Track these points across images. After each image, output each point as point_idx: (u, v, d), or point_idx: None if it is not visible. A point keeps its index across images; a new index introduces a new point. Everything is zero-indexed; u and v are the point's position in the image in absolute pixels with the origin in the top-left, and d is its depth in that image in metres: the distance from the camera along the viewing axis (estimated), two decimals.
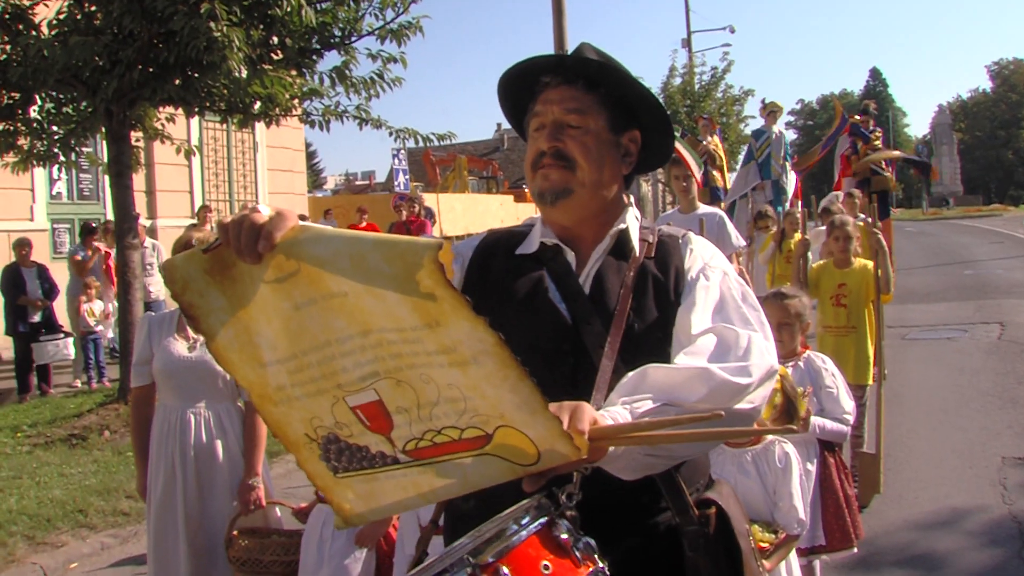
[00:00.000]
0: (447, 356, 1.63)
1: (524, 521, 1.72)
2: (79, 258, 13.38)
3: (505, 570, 1.63)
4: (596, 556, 1.75)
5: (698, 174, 8.87)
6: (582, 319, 2.18)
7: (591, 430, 1.71)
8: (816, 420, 4.69)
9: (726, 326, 2.05)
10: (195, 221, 15.66)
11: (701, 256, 2.27)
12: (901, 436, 8.24)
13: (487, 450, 1.71)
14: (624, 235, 2.31)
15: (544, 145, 2.27)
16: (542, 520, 1.74)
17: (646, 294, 2.21)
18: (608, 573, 1.75)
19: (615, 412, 1.82)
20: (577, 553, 1.73)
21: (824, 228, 8.28)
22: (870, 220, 7.83)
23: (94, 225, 14.24)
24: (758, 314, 2.14)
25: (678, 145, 9.11)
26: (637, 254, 2.28)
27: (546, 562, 1.69)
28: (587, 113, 2.27)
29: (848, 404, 4.86)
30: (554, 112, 2.28)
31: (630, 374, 1.93)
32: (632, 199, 2.43)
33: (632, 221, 2.34)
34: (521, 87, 2.38)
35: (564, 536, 1.74)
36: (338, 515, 1.92)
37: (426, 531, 2.35)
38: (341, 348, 1.69)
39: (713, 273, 2.22)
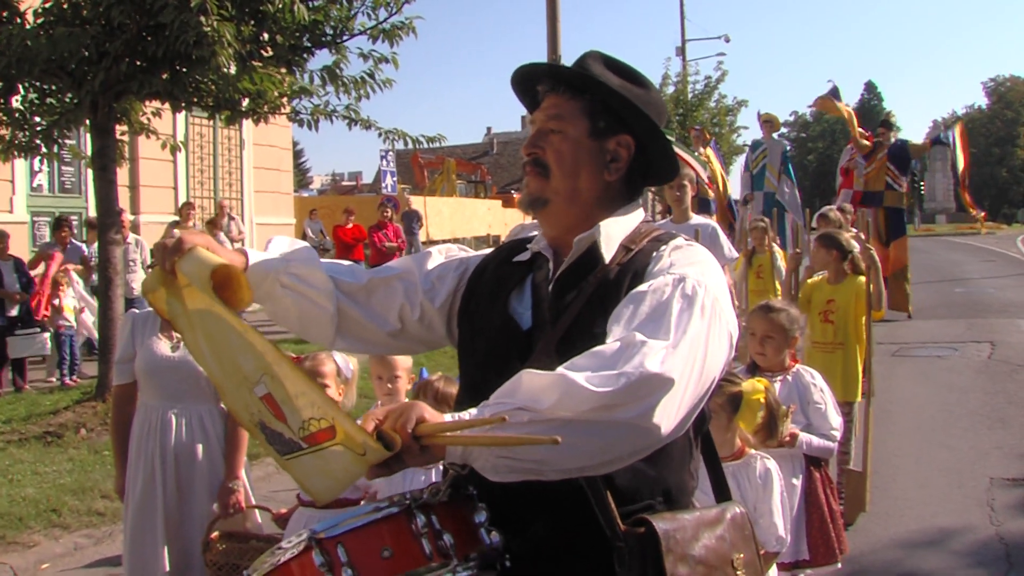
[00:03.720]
0: (256, 348, 2.00)
1: (378, 510, 1.89)
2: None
3: (340, 549, 1.78)
4: (452, 553, 1.86)
5: (704, 174, 8.85)
6: (539, 324, 2.24)
7: (419, 428, 1.81)
8: (803, 436, 4.68)
9: (636, 334, 1.92)
10: (178, 218, 15.52)
11: (672, 261, 2.17)
12: (888, 454, 8.18)
13: (338, 440, 1.86)
14: (595, 243, 2.28)
15: (523, 152, 2.35)
16: (391, 510, 1.88)
17: (598, 301, 2.18)
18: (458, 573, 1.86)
19: (467, 412, 1.86)
20: (427, 546, 1.84)
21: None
22: (863, 236, 7.80)
23: (73, 219, 14.14)
24: (693, 323, 1.98)
25: (678, 150, 9.02)
26: (607, 261, 2.25)
27: (389, 549, 1.81)
28: (566, 119, 2.31)
29: (836, 420, 4.85)
30: (539, 120, 2.35)
31: (511, 379, 1.88)
32: (637, 207, 2.41)
33: (605, 228, 2.29)
34: (531, 98, 2.44)
35: (419, 529, 1.86)
36: (308, 494, 2.07)
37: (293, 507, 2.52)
38: (233, 346, 2.02)
39: (664, 278, 2.09)
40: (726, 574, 2.10)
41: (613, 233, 2.30)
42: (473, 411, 1.84)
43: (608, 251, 2.27)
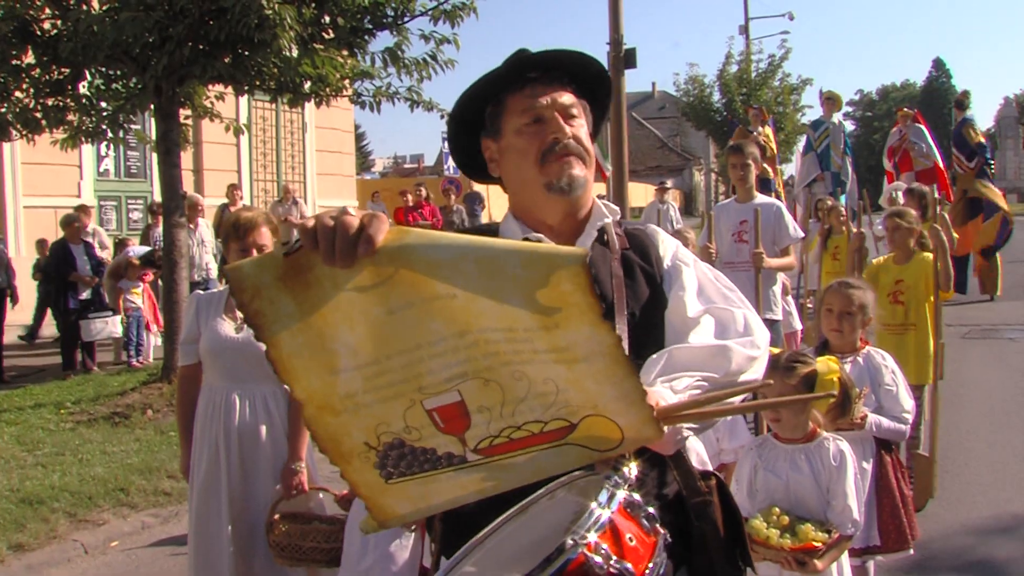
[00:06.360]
0: (556, 355, 1.64)
1: (605, 498, 1.76)
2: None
3: (605, 546, 1.66)
4: (657, 526, 1.80)
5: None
6: None
7: (658, 410, 1.76)
8: (872, 418, 4.58)
9: (717, 307, 2.21)
10: (227, 200, 15.46)
11: (670, 245, 2.40)
12: (959, 438, 8.00)
13: (569, 439, 1.74)
14: (606, 228, 2.38)
15: (567, 133, 2.28)
16: (623, 495, 1.78)
17: (635, 279, 2.31)
18: (670, 540, 1.83)
19: (659, 392, 1.88)
20: (645, 523, 1.79)
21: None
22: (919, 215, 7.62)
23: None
24: (736, 293, 2.30)
25: None
26: (616, 245, 2.36)
27: (630, 534, 1.74)
28: (579, 108, 2.36)
29: (907, 403, 4.73)
30: (556, 105, 2.31)
31: (654, 356, 2.03)
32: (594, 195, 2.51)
33: (608, 214, 2.42)
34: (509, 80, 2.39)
35: (634, 509, 1.80)
36: (373, 517, 1.88)
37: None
38: (432, 350, 1.66)
39: (686, 258, 2.36)
40: None
41: (610, 219, 2.42)
42: (671, 395, 1.90)
43: (613, 236, 2.38)
